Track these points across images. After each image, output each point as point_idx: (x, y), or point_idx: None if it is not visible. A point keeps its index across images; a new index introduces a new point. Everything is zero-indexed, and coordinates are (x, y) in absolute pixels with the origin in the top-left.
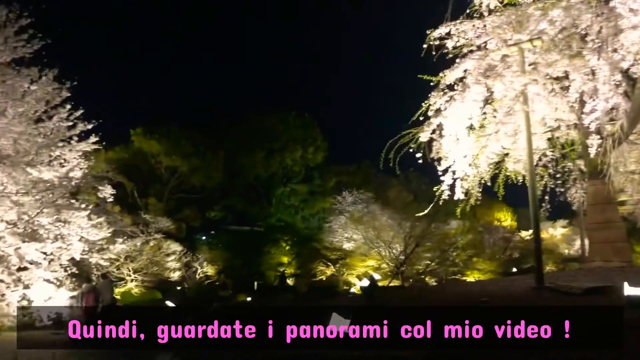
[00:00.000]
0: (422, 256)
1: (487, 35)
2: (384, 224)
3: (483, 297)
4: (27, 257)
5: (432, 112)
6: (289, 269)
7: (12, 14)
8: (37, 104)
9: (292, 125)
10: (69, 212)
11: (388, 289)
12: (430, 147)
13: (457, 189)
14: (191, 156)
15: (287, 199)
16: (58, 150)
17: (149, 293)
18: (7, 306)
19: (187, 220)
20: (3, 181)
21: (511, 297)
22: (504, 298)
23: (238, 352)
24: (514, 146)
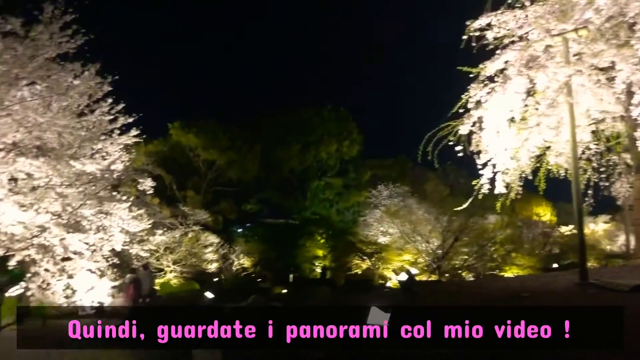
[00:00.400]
0: (460, 251)
1: (529, 25)
2: (421, 218)
3: (524, 293)
4: (71, 247)
5: (472, 105)
6: (324, 262)
7: (57, 11)
8: (80, 98)
9: (327, 119)
10: (110, 204)
11: (426, 284)
12: (469, 140)
13: (497, 182)
14: (228, 150)
15: (321, 193)
16: (100, 144)
17: (187, 284)
18: (52, 295)
19: (224, 212)
20: (48, 173)
21: (554, 293)
22: (546, 294)
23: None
24: (557, 139)
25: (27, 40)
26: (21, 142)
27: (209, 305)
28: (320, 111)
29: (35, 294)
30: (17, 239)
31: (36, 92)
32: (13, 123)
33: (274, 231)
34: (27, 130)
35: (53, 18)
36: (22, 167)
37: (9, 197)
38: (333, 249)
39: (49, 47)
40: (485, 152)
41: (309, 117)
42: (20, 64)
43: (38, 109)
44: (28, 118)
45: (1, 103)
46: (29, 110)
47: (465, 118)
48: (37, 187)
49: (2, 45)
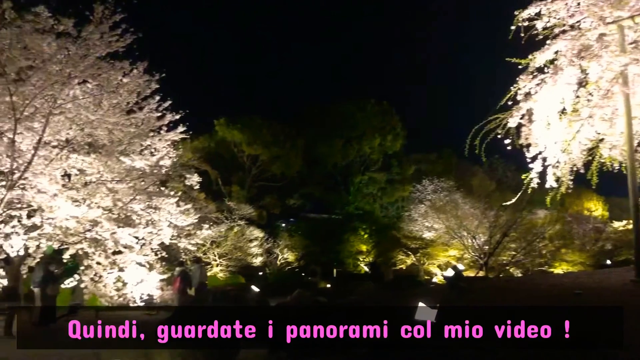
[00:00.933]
0: (507, 247)
1: (582, 13)
2: (467, 213)
3: (577, 290)
4: (122, 241)
5: (521, 96)
6: (368, 257)
7: (107, 11)
8: (129, 95)
9: (371, 113)
10: (159, 199)
11: (474, 280)
12: (518, 132)
13: (547, 176)
14: (271, 145)
15: (365, 187)
16: (149, 140)
17: (233, 277)
18: (104, 287)
19: (268, 207)
20: (99, 169)
21: (608, 290)
22: (601, 291)
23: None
24: (610, 131)
25: (79, 40)
26: (74, 139)
27: (254, 298)
28: (363, 105)
29: (88, 286)
30: (70, 232)
31: (88, 91)
32: (66, 121)
33: (317, 226)
34: (80, 127)
35: (103, 18)
36: (74, 163)
37: (63, 192)
38: (377, 244)
39: (100, 47)
40: (535, 145)
41: (352, 112)
42: (72, 64)
43: (89, 107)
44: (80, 116)
45: (55, 102)
46: (81, 108)
47: (514, 110)
48: (89, 182)
49: (56, 45)
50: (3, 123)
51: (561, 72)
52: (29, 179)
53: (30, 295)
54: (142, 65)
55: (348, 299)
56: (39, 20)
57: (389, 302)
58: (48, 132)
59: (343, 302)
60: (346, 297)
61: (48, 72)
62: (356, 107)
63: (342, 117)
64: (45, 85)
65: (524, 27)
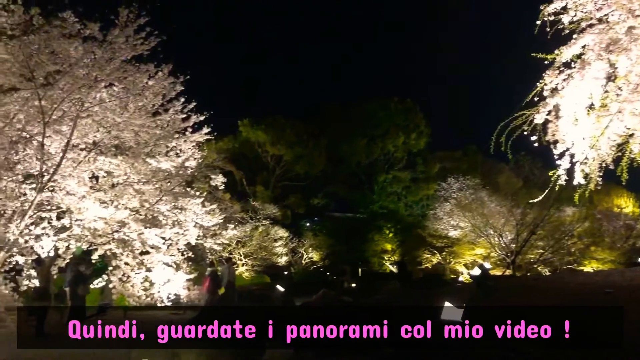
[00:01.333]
0: (535, 244)
1: (609, 6)
2: (493, 211)
3: (608, 289)
4: (149, 241)
5: (547, 92)
6: (393, 256)
7: (131, 14)
8: (155, 98)
9: (394, 111)
10: (185, 200)
11: (501, 278)
12: (545, 129)
13: (576, 173)
14: (295, 145)
15: (389, 186)
16: (174, 142)
17: (259, 277)
18: (132, 287)
19: (292, 207)
20: (126, 171)
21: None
22: (633, 290)
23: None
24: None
25: (104, 44)
26: (101, 142)
27: (279, 298)
28: (387, 104)
29: (116, 286)
30: (99, 234)
31: (114, 94)
32: (93, 124)
33: (342, 225)
34: (106, 130)
35: (128, 21)
36: (102, 165)
37: (91, 194)
38: (402, 243)
39: (125, 50)
40: (562, 141)
41: (375, 110)
42: (99, 67)
43: (116, 110)
44: (107, 118)
45: (83, 105)
46: (108, 111)
47: (540, 106)
48: (117, 184)
49: (83, 49)
50: (32, 127)
51: (589, 66)
52: (58, 181)
53: (61, 295)
54: (166, 67)
55: (373, 298)
56: (65, 25)
57: (415, 302)
58: (76, 135)
59: (368, 301)
60: (371, 296)
61: (75, 76)
62: (379, 106)
63: (365, 115)
64: (72, 89)
65: (549, 21)
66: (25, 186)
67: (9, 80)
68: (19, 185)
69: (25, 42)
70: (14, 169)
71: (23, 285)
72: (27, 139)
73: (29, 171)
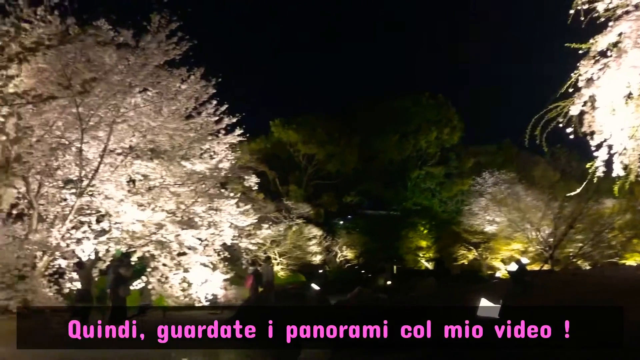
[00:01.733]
0: (574, 238)
1: None
2: (530, 205)
3: None
4: (186, 242)
5: (582, 83)
6: (428, 253)
7: (163, 20)
8: (188, 101)
9: (426, 107)
10: (219, 201)
11: (538, 274)
12: (581, 120)
13: (614, 164)
14: (326, 143)
15: (422, 182)
16: (207, 144)
17: (294, 276)
18: (170, 288)
19: (325, 205)
20: (162, 174)
21: None
22: None
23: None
24: None
25: (137, 50)
26: (137, 146)
27: (314, 297)
28: (418, 99)
29: (155, 287)
30: (137, 236)
31: (148, 99)
32: (129, 129)
33: (375, 223)
34: (142, 134)
35: (160, 27)
36: (138, 169)
37: (129, 197)
38: (437, 240)
39: (157, 55)
40: (599, 132)
41: (406, 106)
42: (133, 73)
43: (150, 114)
44: (142, 123)
45: (118, 110)
46: (143, 115)
47: (575, 97)
48: (153, 187)
49: (117, 56)
50: (71, 133)
51: (625, 55)
52: (96, 185)
53: (102, 296)
54: (198, 71)
55: (409, 296)
56: (100, 33)
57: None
58: (112, 140)
59: (404, 298)
60: (407, 293)
61: (110, 83)
62: (410, 101)
63: (396, 111)
64: (108, 95)
65: (583, 10)
66: (66, 191)
67: (48, 89)
68: (60, 191)
69: (62, 52)
70: (55, 175)
71: (66, 287)
72: (66, 145)
73: (69, 177)
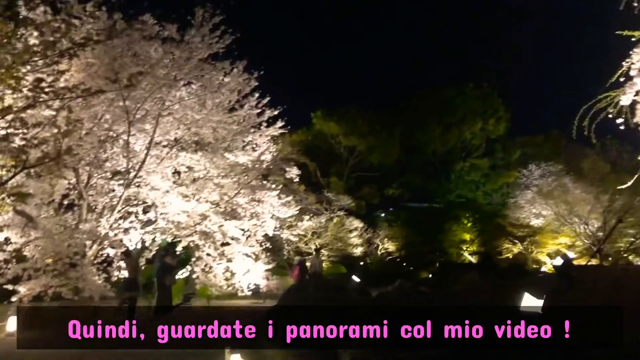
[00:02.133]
0: (624, 232)
1: None
2: (578, 197)
3: None
4: (229, 233)
5: (634, 72)
6: (472, 246)
7: (206, 14)
8: (231, 94)
9: (470, 97)
10: (262, 192)
11: (586, 269)
12: (633, 111)
13: None
14: (368, 135)
15: (466, 174)
16: (250, 136)
17: (335, 267)
18: (214, 277)
19: (367, 197)
20: (206, 166)
21: None
22: None
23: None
24: None
25: (182, 44)
26: (182, 139)
27: (355, 289)
28: (463, 90)
29: (199, 277)
30: (182, 226)
31: (192, 92)
32: (174, 121)
33: (417, 215)
34: (186, 127)
35: (203, 21)
36: (183, 161)
37: (174, 188)
38: (481, 233)
39: (201, 49)
40: None
41: (450, 97)
42: (177, 67)
43: (194, 107)
44: (187, 116)
45: (164, 104)
46: (187, 108)
47: (627, 87)
48: (197, 178)
49: (162, 50)
50: (118, 126)
51: None
52: (143, 177)
53: (149, 285)
54: (241, 64)
55: (453, 289)
56: (145, 28)
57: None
58: (158, 133)
59: (447, 291)
60: (450, 287)
61: (156, 76)
62: (454, 92)
63: (439, 102)
64: (154, 88)
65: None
66: (114, 182)
67: (96, 83)
68: (108, 182)
69: (109, 46)
70: (103, 167)
71: (114, 275)
72: (113, 137)
73: (117, 168)
